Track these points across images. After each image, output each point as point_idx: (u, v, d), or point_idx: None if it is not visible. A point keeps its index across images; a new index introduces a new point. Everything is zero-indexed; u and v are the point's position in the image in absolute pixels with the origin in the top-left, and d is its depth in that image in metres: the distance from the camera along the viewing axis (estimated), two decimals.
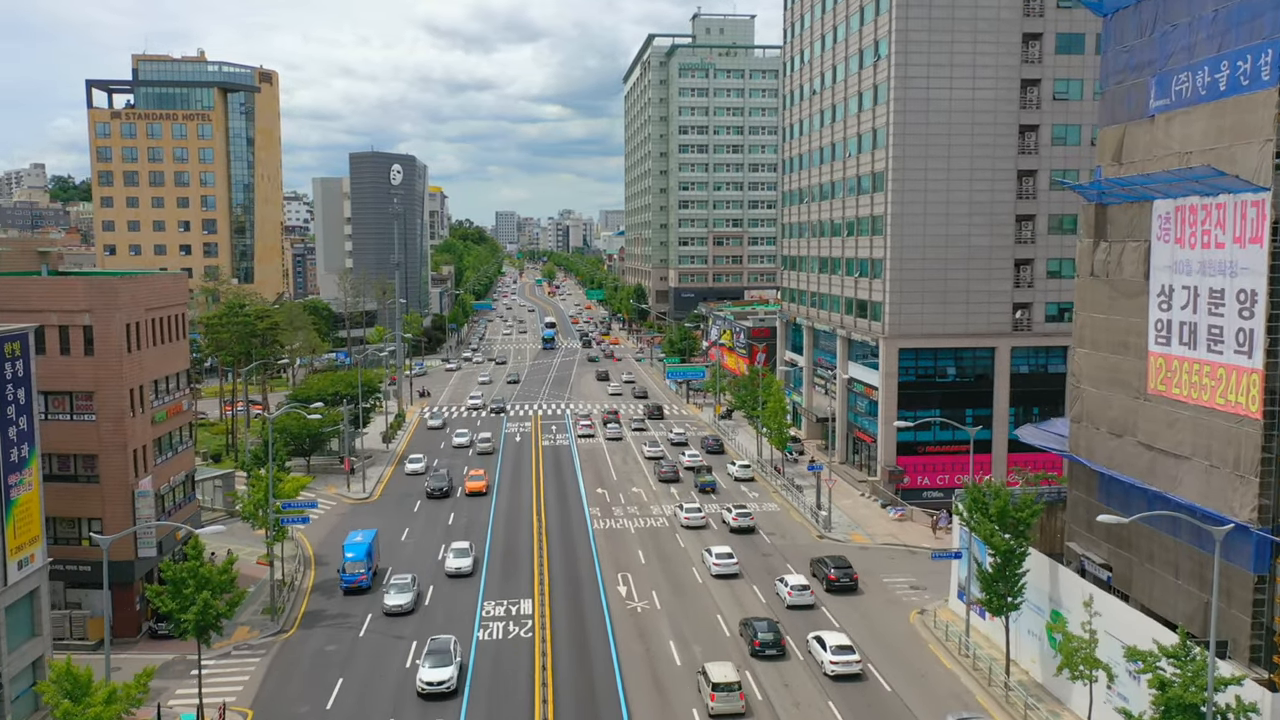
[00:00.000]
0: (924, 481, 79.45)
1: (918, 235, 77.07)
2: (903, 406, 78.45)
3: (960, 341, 78.52)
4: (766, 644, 48.25)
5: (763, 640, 48.36)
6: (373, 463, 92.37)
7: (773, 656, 48.24)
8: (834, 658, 46.31)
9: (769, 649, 48.19)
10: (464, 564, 60.77)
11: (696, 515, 70.73)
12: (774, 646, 48.25)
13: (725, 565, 60.21)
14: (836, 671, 46.05)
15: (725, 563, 60.38)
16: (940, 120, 76.19)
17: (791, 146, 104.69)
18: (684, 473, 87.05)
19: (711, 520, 71.98)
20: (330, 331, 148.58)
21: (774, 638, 48.57)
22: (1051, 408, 79.42)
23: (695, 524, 70.18)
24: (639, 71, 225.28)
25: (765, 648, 48.18)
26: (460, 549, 62.34)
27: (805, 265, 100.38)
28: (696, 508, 71.75)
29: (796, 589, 55.22)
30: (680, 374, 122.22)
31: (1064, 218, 78.13)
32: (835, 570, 58.05)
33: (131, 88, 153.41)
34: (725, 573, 60.00)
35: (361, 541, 59.91)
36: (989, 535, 42.96)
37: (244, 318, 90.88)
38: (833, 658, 46.33)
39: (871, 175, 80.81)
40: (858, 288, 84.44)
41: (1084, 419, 49.85)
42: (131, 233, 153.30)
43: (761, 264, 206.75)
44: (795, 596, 54.97)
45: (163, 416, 54.17)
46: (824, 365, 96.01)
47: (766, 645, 48.24)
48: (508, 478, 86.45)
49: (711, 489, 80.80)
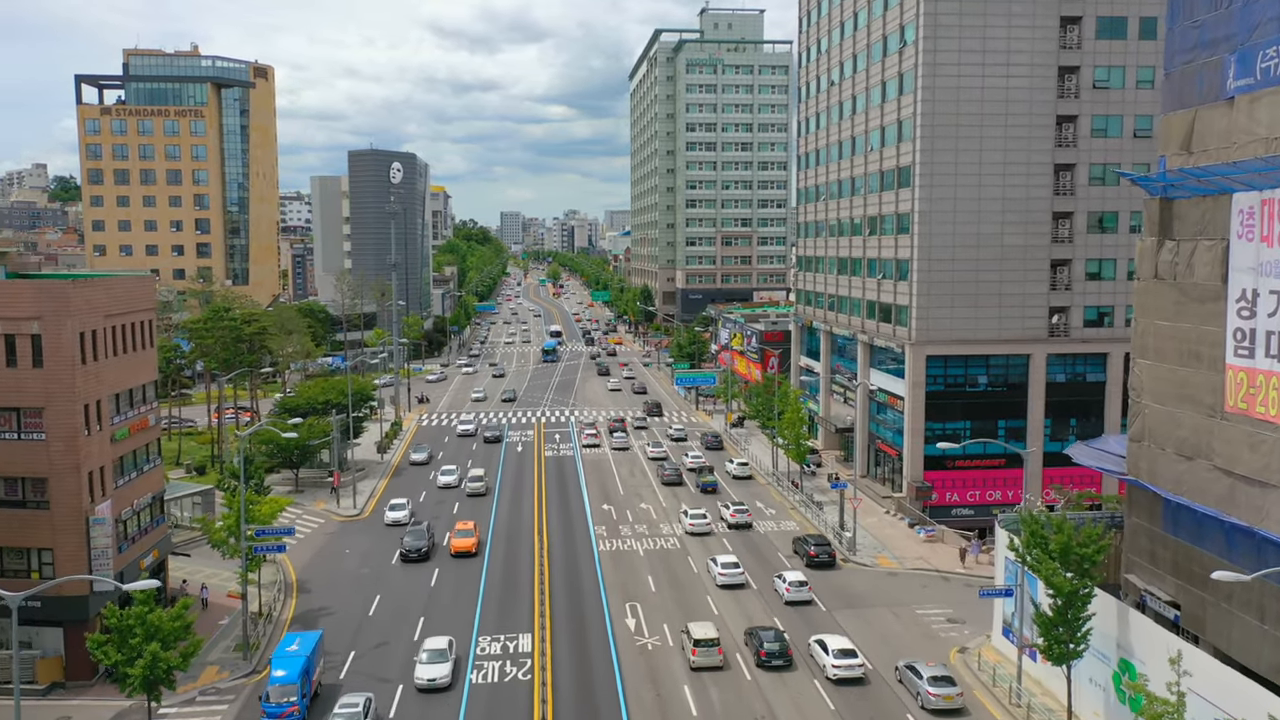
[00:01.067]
0: (953, 498, 74.20)
1: (947, 234, 71.84)
2: (930, 418, 73.26)
3: (992, 348, 73.26)
4: (773, 654, 46.33)
5: (769, 650, 46.45)
6: (365, 475, 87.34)
7: (779, 667, 46.31)
8: (836, 661, 45.30)
9: (775, 659, 46.26)
10: (439, 673, 44.35)
11: (701, 522, 68.57)
12: (780, 657, 46.32)
13: (731, 575, 58.05)
14: (839, 675, 44.92)
15: (731, 573, 58.19)
16: (971, 110, 70.96)
17: (808, 141, 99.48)
18: (687, 474, 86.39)
19: (716, 525, 68.58)
20: (327, 335, 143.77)
21: (780, 647, 46.63)
22: (1089, 419, 74.27)
23: (700, 530, 67.46)
24: (645, 68, 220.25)
25: (771, 658, 46.28)
26: (436, 650, 45.68)
27: (823, 266, 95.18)
28: (701, 514, 68.89)
29: (794, 585, 55.32)
30: (690, 380, 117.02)
31: (1104, 215, 72.88)
32: (815, 547, 62.20)
33: (122, 83, 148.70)
34: (731, 583, 57.85)
35: (297, 652, 42.76)
36: (1050, 575, 37.73)
37: (230, 322, 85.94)
38: (835, 661, 45.33)
39: (896, 170, 75.60)
40: (880, 290, 79.22)
41: (1146, 438, 44.65)
42: (122, 232, 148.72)
43: (771, 264, 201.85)
44: (793, 592, 55.10)
45: (124, 434, 49.14)
46: (843, 372, 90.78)
47: (773, 655, 46.30)
48: (505, 509, 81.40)
49: (714, 489, 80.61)
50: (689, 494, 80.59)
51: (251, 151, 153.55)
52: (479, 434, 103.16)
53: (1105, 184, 72.49)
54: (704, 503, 76.59)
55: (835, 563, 62.30)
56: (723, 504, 73.29)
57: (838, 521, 68.50)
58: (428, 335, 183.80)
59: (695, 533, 67.61)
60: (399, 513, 72.20)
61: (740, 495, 79.46)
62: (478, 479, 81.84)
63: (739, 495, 79.39)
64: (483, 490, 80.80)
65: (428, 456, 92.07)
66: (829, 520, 70.54)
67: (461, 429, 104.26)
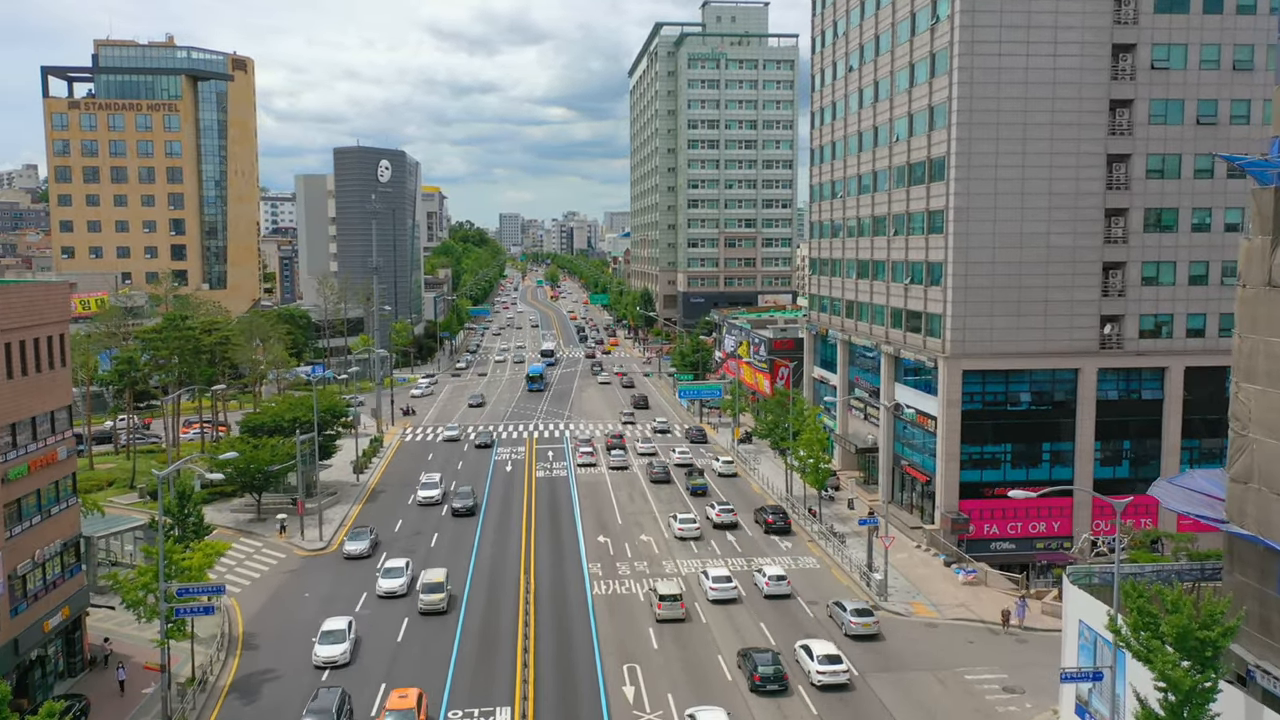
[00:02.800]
0: (992, 530, 66.05)
1: (986, 233, 63.71)
2: (967, 440, 65.12)
3: (1036, 362, 65.11)
4: (767, 678, 43.43)
5: (763, 674, 43.50)
6: (337, 500, 79.14)
7: (774, 692, 43.43)
8: (821, 668, 44.32)
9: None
10: None
11: (691, 526, 67.05)
12: (776, 681, 43.53)
13: (724, 589, 55.55)
14: (824, 682, 44.11)
15: (724, 586, 55.77)
16: (1014, 94, 62.85)
17: (821, 133, 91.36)
18: (674, 470, 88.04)
19: (740, 588, 58.35)
20: (308, 342, 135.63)
21: (776, 671, 43.74)
22: (1144, 442, 66.17)
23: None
24: (646, 63, 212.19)
25: (766, 682, 43.39)
26: None
27: (839, 269, 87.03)
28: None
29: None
30: (694, 392, 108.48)
31: (1162, 212, 64.75)
32: (772, 515, 69.59)
33: (92, 75, 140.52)
34: (724, 598, 55.30)
35: None
36: (1166, 668, 29.53)
37: (187, 331, 77.72)
38: (820, 668, 44.36)
39: (927, 162, 67.46)
40: (909, 296, 71.10)
41: (1254, 479, 36.46)
42: (92, 234, 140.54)
43: (776, 267, 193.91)
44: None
45: (21, 472, 40.97)
46: (863, 386, 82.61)
47: (767, 680, 43.40)
48: (489, 542, 73.35)
49: (703, 491, 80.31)
50: (678, 495, 76.16)
51: (229, 148, 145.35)
52: (446, 502, 78.31)
53: (1164, 177, 64.39)
54: (721, 547, 68.45)
55: (791, 529, 68.94)
56: (709, 504, 73.43)
57: (865, 559, 60.28)
58: (418, 341, 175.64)
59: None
60: (358, 543, 64.93)
61: (755, 531, 71.32)
62: (466, 499, 74.77)
63: (725, 494, 79.88)
64: (471, 506, 73.98)
65: (368, 547, 65.20)
66: (854, 557, 62.35)
67: (423, 495, 78.20)
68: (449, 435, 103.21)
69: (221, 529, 71.78)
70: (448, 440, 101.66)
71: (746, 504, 76.95)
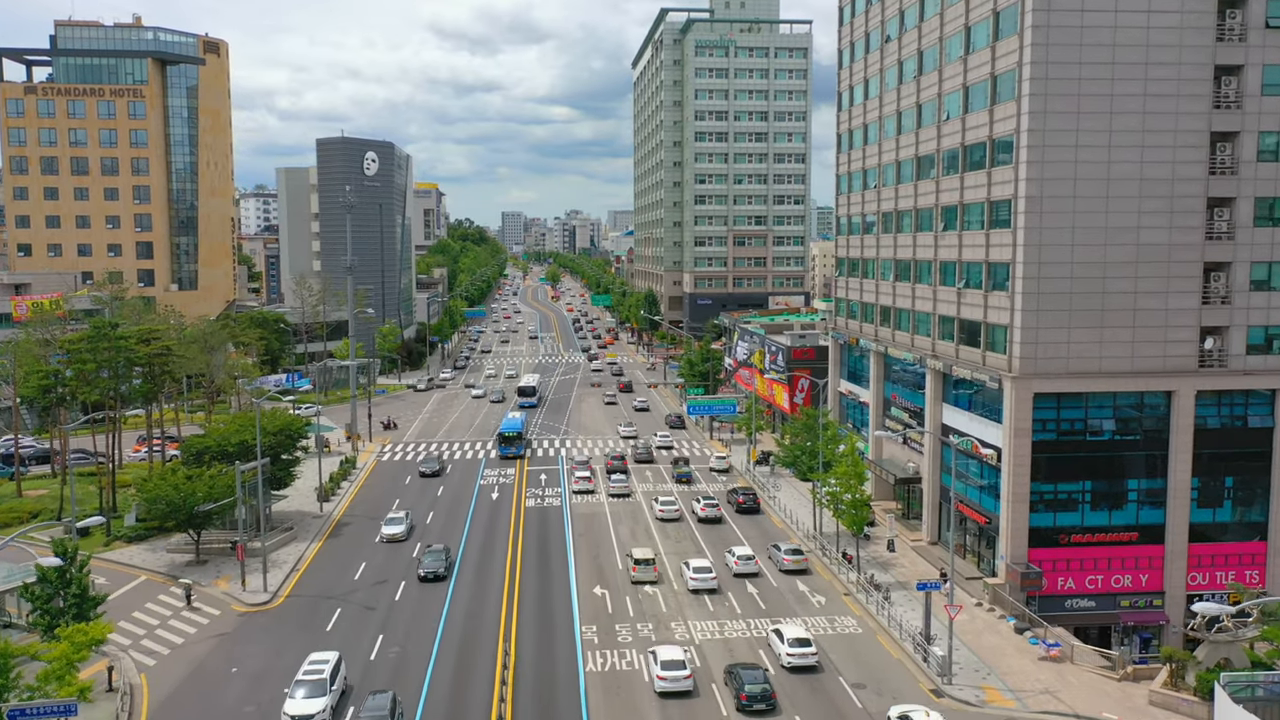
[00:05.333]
0: (1067, 585, 54.99)
1: (1064, 228, 52.71)
2: (1038, 477, 54.09)
3: (1122, 383, 54.06)
4: (755, 697, 41.55)
5: (750, 693, 41.59)
6: (293, 536, 68.30)
7: (761, 713, 41.48)
8: (790, 650, 45.67)
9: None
10: None
11: (706, 577, 57.30)
12: (763, 700, 41.61)
13: (703, 579, 56.66)
14: (793, 664, 45.39)
15: (703, 577, 56.77)
16: (1099, 58, 51.87)
17: (851, 116, 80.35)
18: (656, 452, 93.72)
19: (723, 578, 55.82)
20: (284, 347, 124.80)
21: (763, 690, 41.71)
22: (1252, 478, 55.07)
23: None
24: (650, 52, 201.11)
25: (753, 701, 41.52)
26: None
27: (873, 270, 76.07)
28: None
29: None
30: (706, 408, 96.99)
31: (1276, 202, 53.65)
32: (743, 495, 73.78)
33: (50, 58, 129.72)
34: (703, 588, 56.44)
35: None
36: None
37: (117, 342, 66.85)
38: (789, 650, 45.68)
39: (989, 142, 56.42)
40: (963, 303, 60.10)
41: None
42: (50, 230, 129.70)
43: (788, 266, 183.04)
44: None
45: None
46: (901, 405, 71.63)
47: (755, 699, 41.53)
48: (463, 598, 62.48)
49: (688, 480, 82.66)
50: (659, 474, 76.89)
51: (201, 137, 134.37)
52: (414, 539, 67.85)
53: (1279, 160, 53.36)
54: (742, 602, 57.58)
55: (760, 509, 73.29)
56: (694, 498, 74.13)
57: (920, 626, 49.26)
58: (407, 346, 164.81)
59: (664, 518, 68.21)
60: None
61: (781, 581, 60.43)
62: (431, 571, 59.06)
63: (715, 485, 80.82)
64: (445, 567, 60.38)
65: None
66: (904, 620, 51.38)
67: (388, 532, 67.47)
68: (426, 470, 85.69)
69: (150, 575, 61.14)
70: (425, 475, 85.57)
71: (768, 541, 66.00)
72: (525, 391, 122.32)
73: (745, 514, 73.32)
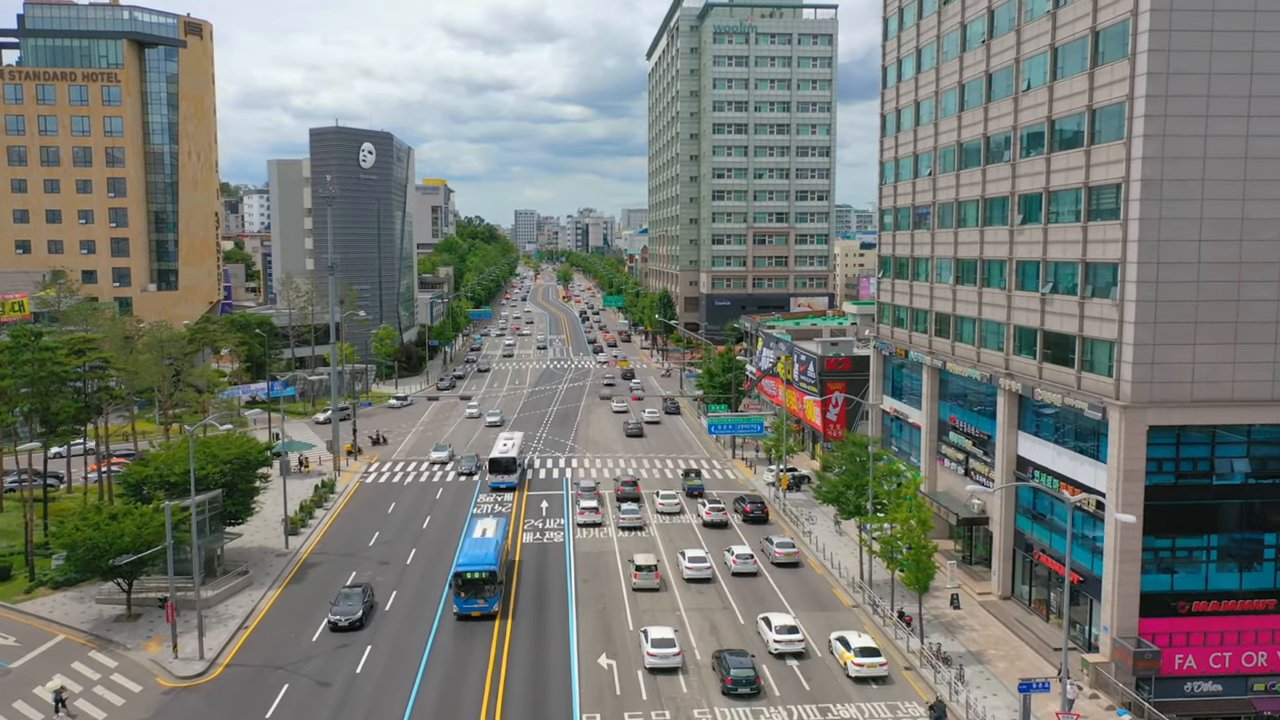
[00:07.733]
0: (1187, 664, 44.25)
1: (1190, 221, 42.03)
2: (1151, 529, 43.39)
3: (1261, 414, 43.28)
4: (740, 681, 41.22)
5: (736, 677, 41.30)
6: (249, 582, 58.13)
7: (746, 696, 41.19)
8: (778, 637, 45.93)
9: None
10: None
11: (746, 674, 42.50)
12: (747, 685, 41.13)
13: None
14: (780, 650, 45.60)
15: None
16: (1236, 4, 41.19)
17: (901, 92, 69.72)
18: (647, 428, 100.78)
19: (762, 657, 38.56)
20: (268, 353, 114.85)
21: (749, 674, 41.33)
22: None
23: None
24: (666, 40, 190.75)
25: (738, 685, 41.16)
26: None
27: (926, 271, 65.46)
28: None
29: None
30: (729, 427, 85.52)
31: None
32: (750, 505, 70.62)
33: (18, 39, 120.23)
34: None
35: None
36: None
37: (42, 354, 56.84)
38: (776, 637, 45.95)
39: (1088, 113, 45.71)
40: (1048, 311, 49.42)
41: None
42: (19, 225, 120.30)
43: (811, 266, 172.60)
44: None
45: None
46: (963, 429, 60.94)
47: (740, 683, 41.19)
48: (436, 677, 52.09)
49: (700, 493, 77.02)
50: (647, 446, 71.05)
51: (182, 126, 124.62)
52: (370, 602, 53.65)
53: None
54: (785, 688, 46.96)
55: (768, 519, 69.94)
56: (725, 549, 62.17)
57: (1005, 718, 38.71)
58: (407, 350, 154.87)
59: (694, 579, 56.62)
60: None
61: (833, 664, 49.81)
62: None
63: None
64: None
65: None
66: (982, 706, 40.79)
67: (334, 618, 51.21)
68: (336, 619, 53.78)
69: (70, 633, 51.19)
70: None
71: (814, 602, 55.38)
72: (499, 465, 79.45)
73: (754, 523, 70.18)
